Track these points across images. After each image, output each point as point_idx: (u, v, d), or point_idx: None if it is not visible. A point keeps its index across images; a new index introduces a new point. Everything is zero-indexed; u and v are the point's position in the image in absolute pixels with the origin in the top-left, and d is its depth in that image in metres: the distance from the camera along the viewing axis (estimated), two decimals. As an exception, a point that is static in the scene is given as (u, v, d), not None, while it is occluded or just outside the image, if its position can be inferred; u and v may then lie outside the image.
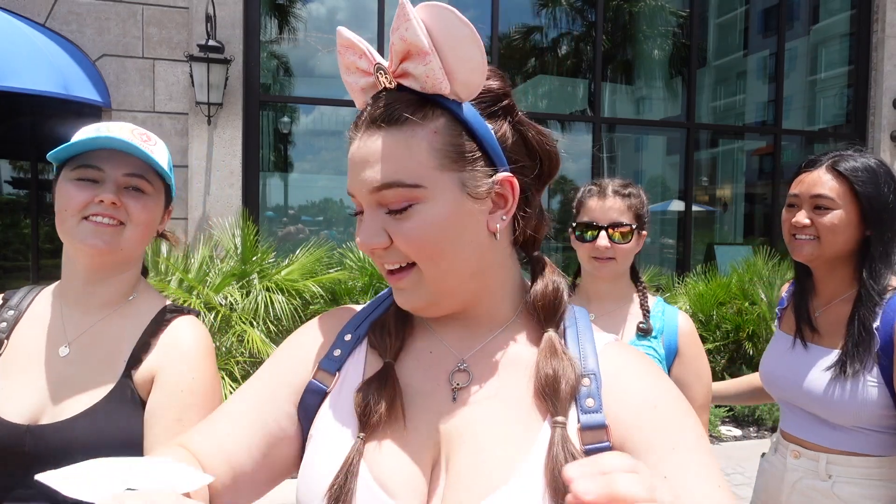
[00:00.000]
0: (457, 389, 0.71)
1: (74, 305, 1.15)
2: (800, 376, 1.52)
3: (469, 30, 0.64)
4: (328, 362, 0.76)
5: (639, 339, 1.59)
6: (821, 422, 1.49)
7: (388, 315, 0.78)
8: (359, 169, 0.67)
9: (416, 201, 0.66)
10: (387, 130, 0.66)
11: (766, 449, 1.73)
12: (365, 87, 0.71)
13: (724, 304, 5.76)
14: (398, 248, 0.67)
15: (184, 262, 4.59)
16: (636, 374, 0.70)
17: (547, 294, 0.74)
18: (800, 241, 1.52)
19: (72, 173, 1.09)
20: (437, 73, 0.65)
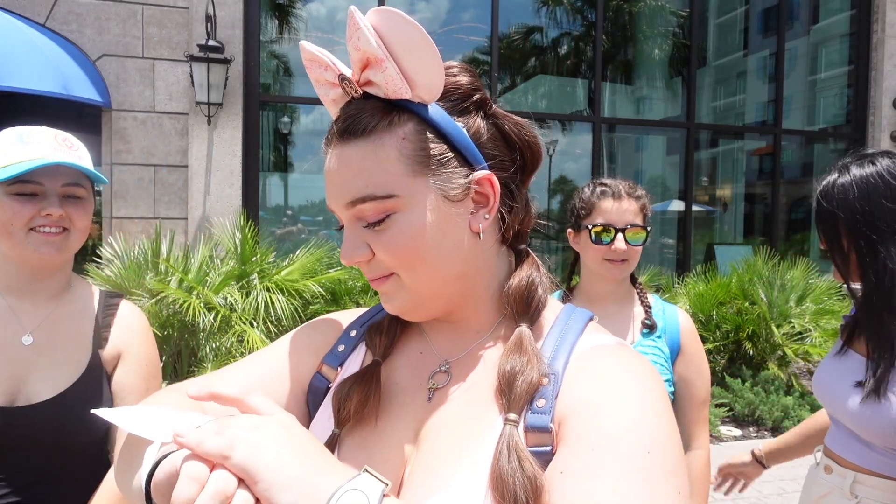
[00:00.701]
0: (433, 389, 0.71)
1: (23, 298, 1.23)
2: (840, 388, 1.43)
3: (418, 31, 0.62)
4: (331, 357, 0.77)
5: (644, 338, 1.59)
6: (854, 437, 1.42)
7: (386, 317, 0.79)
8: (333, 185, 0.67)
9: (392, 211, 0.65)
10: (355, 142, 0.65)
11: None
12: (336, 98, 0.71)
13: (724, 304, 5.76)
14: (379, 259, 0.67)
15: (184, 263, 4.58)
16: (602, 373, 0.63)
17: (519, 288, 0.71)
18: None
19: (10, 188, 1.15)
20: (396, 79, 0.64)
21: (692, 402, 1.59)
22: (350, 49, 0.65)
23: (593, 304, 1.67)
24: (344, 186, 0.66)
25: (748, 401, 5.15)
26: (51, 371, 1.19)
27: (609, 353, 0.66)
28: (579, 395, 0.61)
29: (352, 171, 0.65)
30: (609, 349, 0.67)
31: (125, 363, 1.28)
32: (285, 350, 0.79)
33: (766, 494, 3.88)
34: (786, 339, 5.60)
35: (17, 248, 1.17)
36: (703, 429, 1.60)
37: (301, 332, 0.82)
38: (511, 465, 0.56)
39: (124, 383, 1.26)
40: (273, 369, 0.77)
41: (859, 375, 1.42)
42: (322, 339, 0.80)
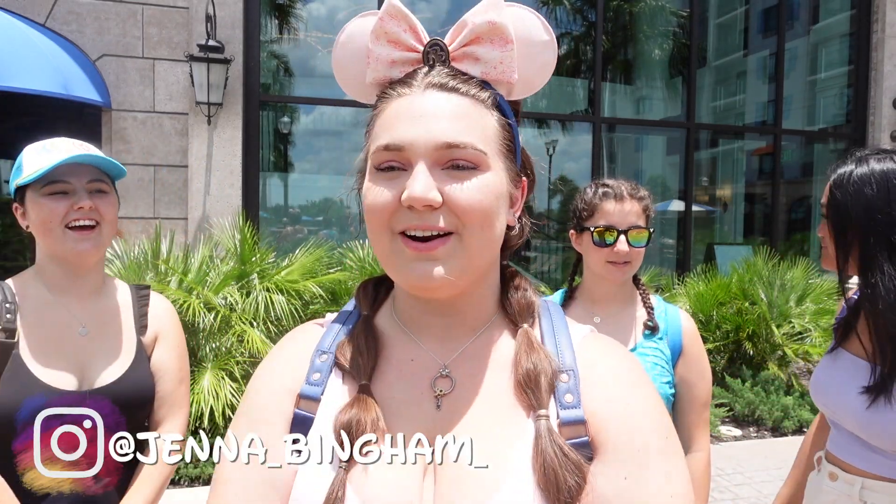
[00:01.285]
0: (440, 396, 0.70)
1: (70, 295, 1.37)
2: (843, 392, 1.41)
3: (552, 37, 0.71)
4: (309, 388, 0.71)
5: (646, 339, 1.58)
6: (861, 443, 1.40)
7: (356, 334, 0.74)
8: (426, 121, 0.64)
9: (480, 167, 0.66)
10: (458, 97, 0.66)
11: (767, 450, 1.70)
12: (396, 60, 0.70)
13: (724, 304, 5.76)
14: (450, 208, 0.64)
15: (184, 263, 4.58)
16: (611, 367, 0.71)
17: (524, 297, 0.76)
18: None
19: (43, 190, 1.29)
20: (513, 62, 0.68)
21: (693, 403, 1.58)
22: (478, 20, 0.67)
23: (596, 306, 1.66)
24: (446, 125, 0.64)
25: (748, 401, 5.15)
26: (107, 358, 1.37)
27: (599, 344, 0.75)
28: (602, 396, 0.68)
29: (456, 116, 0.65)
30: (595, 339, 0.76)
31: (161, 346, 1.48)
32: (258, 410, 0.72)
33: (765, 494, 3.88)
34: (786, 339, 5.60)
35: (56, 245, 1.31)
36: (704, 431, 1.59)
37: (261, 377, 0.75)
38: (557, 456, 0.61)
39: (162, 363, 1.47)
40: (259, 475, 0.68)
41: (860, 379, 1.39)
42: (288, 373, 0.74)
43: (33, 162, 1.30)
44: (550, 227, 8.35)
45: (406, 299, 0.75)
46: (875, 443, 1.35)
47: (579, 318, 1.67)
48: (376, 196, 0.65)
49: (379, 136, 0.67)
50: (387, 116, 0.67)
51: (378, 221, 0.66)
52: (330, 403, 0.70)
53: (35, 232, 1.34)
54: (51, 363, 1.30)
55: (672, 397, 1.57)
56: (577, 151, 7.90)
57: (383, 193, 0.65)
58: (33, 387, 1.26)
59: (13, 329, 1.29)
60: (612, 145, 8.40)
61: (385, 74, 0.71)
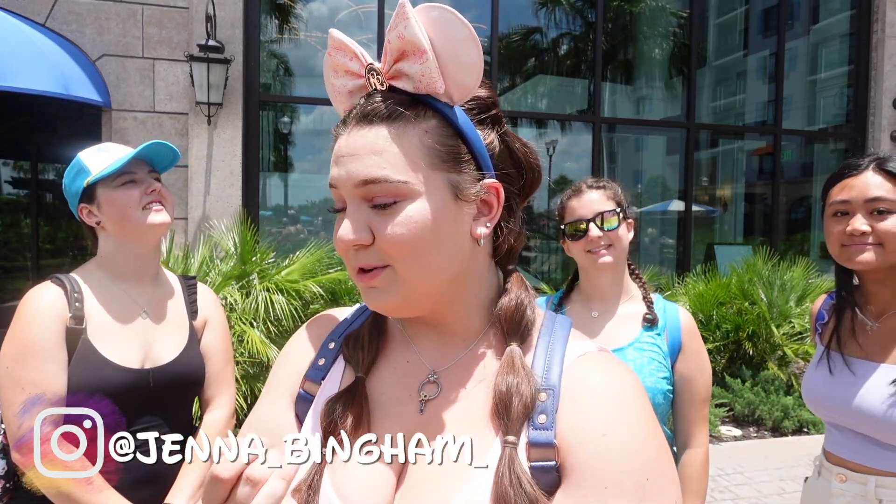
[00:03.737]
0: (425, 401, 0.71)
1: (131, 283, 1.52)
2: (850, 395, 1.42)
3: (468, 30, 0.65)
4: (313, 372, 0.76)
5: (645, 331, 1.60)
6: (871, 442, 1.40)
7: (364, 327, 0.77)
8: (346, 162, 0.66)
9: (404, 198, 0.65)
10: (378, 126, 0.66)
11: (767, 451, 1.70)
12: (353, 89, 0.71)
13: (724, 304, 5.76)
14: (379, 246, 0.66)
15: (184, 263, 4.58)
16: (597, 393, 0.64)
17: (510, 308, 0.72)
18: (858, 248, 1.41)
19: (114, 182, 1.45)
20: (433, 72, 0.65)
21: (693, 400, 1.59)
22: (391, 37, 0.66)
23: (593, 301, 1.68)
24: (360, 164, 0.65)
25: (748, 401, 5.15)
26: (166, 339, 1.53)
27: (596, 363, 0.68)
28: (579, 421, 0.63)
29: (370, 152, 0.65)
30: (595, 358, 0.69)
31: (209, 329, 1.64)
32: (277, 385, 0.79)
33: (766, 494, 3.89)
34: (786, 339, 5.60)
35: (136, 226, 1.46)
36: (703, 427, 1.60)
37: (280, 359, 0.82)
38: (513, 487, 0.59)
39: (210, 345, 1.63)
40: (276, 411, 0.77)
41: (868, 379, 1.40)
42: (301, 356, 0.80)
43: (97, 161, 1.46)
44: (550, 227, 8.36)
45: None
46: (891, 441, 1.35)
47: (577, 314, 1.69)
48: (335, 235, 0.69)
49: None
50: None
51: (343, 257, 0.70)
52: (327, 389, 0.74)
53: (110, 222, 1.46)
54: (117, 344, 1.44)
55: (669, 393, 1.58)
56: (577, 151, 7.90)
57: (335, 233, 0.69)
58: (102, 366, 1.39)
59: (81, 316, 1.40)
60: (612, 145, 8.40)
61: (349, 104, 0.72)
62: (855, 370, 1.45)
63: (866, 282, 1.49)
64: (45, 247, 7.18)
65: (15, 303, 1.50)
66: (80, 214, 1.49)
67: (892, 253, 1.38)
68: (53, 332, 1.36)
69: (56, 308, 1.38)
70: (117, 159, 1.45)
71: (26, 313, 1.37)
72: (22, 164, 7.81)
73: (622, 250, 1.62)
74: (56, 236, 7.41)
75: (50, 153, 7.26)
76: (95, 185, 1.45)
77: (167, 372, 1.48)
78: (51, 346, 1.35)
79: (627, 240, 1.64)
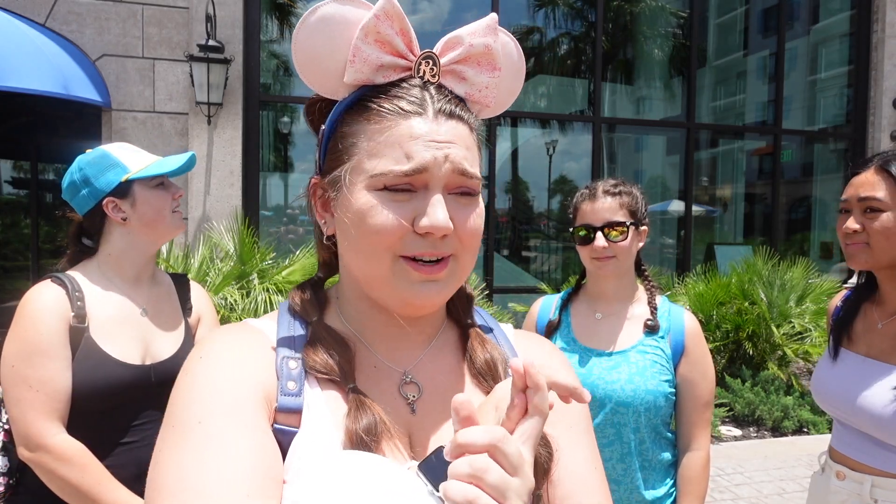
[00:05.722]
0: (413, 402, 0.70)
1: (128, 280, 1.56)
2: (855, 392, 1.42)
3: (524, 63, 0.76)
4: (289, 400, 0.63)
5: (647, 337, 1.60)
6: (872, 441, 1.40)
7: (320, 337, 0.69)
8: (443, 147, 0.64)
9: (478, 194, 0.69)
10: (459, 124, 0.67)
11: (767, 451, 1.70)
12: (385, 65, 0.67)
13: (724, 304, 5.76)
14: (457, 235, 0.66)
15: (183, 263, 4.58)
16: (548, 358, 0.79)
17: (464, 296, 0.80)
18: (853, 247, 1.41)
19: (151, 183, 1.53)
20: (496, 90, 0.71)
21: (695, 403, 1.59)
22: (475, 41, 0.68)
23: (597, 303, 1.68)
24: (461, 154, 0.66)
25: (748, 401, 5.15)
26: (165, 336, 1.58)
27: (531, 340, 0.82)
28: None
29: (465, 145, 0.67)
30: (524, 335, 0.83)
31: (203, 325, 1.71)
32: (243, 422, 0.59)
33: (766, 494, 3.89)
34: (786, 339, 5.60)
35: (166, 228, 1.55)
36: (705, 431, 1.60)
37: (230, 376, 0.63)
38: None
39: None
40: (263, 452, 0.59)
41: (873, 378, 1.40)
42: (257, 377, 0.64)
43: (135, 160, 1.53)
44: (550, 227, 8.36)
45: (365, 309, 0.73)
46: (893, 441, 1.35)
47: (581, 313, 1.70)
48: (384, 219, 0.63)
49: (388, 154, 0.64)
50: (397, 136, 0.64)
51: (381, 244, 0.64)
52: (315, 413, 0.64)
53: (140, 220, 1.52)
54: (119, 342, 1.47)
55: (671, 396, 1.58)
56: (577, 151, 7.90)
57: (392, 217, 0.63)
58: (106, 363, 1.42)
59: (83, 314, 1.42)
60: (612, 145, 8.41)
61: (368, 77, 0.67)
62: (862, 368, 1.45)
63: (880, 280, 1.48)
64: (45, 247, 7.18)
65: (15, 303, 1.50)
66: (106, 208, 1.49)
67: (880, 252, 1.38)
68: (58, 331, 1.37)
69: (59, 307, 1.39)
70: (154, 162, 1.54)
71: (29, 312, 1.37)
72: (22, 164, 7.81)
73: (626, 261, 1.62)
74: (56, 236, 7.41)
75: (50, 153, 7.26)
76: (133, 183, 1.51)
77: (168, 367, 1.51)
78: (56, 344, 1.36)
79: (634, 250, 1.64)
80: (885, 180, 1.37)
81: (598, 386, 1.56)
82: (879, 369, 1.41)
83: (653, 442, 1.57)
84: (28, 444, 1.33)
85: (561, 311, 1.72)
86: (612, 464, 1.55)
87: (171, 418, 0.60)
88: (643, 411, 1.54)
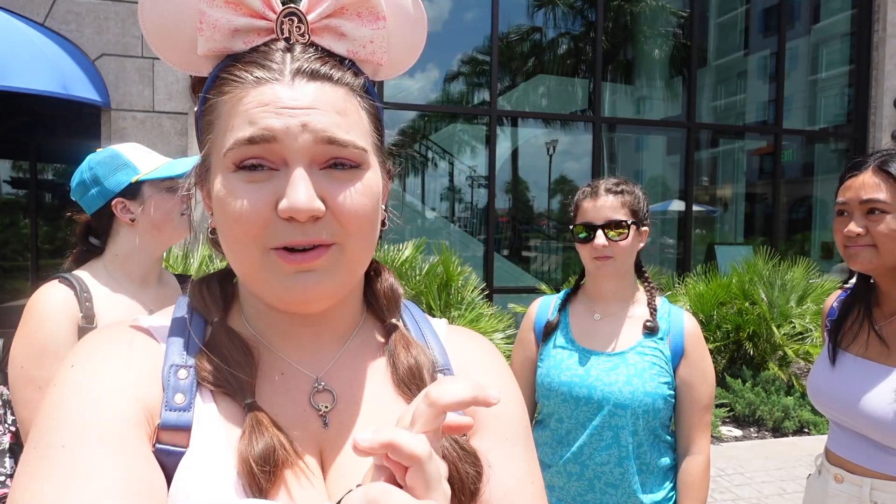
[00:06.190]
0: (325, 413, 0.62)
1: (136, 281, 1.55)
2: (853, 394, 1.41)
3: (422, 12, 0.64)
4: (175, 416, 0.55)
5: (646, 338, 1.58)
6: (871, 443, 1.39)
7: (218, 342, 0.60)
8: (298, 114, 0.54)
9: (362, 166, 0.58)
10: (329, 86, 0.57)
11: (767, 450, 1.70)
12: (241, 28, 0.58)
13: (724, 304, 5.76)
14: (335, 216, 0.56)
15: (183, 263, 4.58)
16: (482, 362, 0.71)
17: (388, 289, 0.70)
18: (855, 250, 1.40)
19: (161, 185, 1.52)
20: (383, 43, 0.60)
21: (694, 406, 1.56)
22: None
23: (596, 303, 1.67)
24: (324, 120, 0.55)
25: (748, 401, 5.14)
26: None
27: (465, 336, 0.74)
28: None
29: (333, 109, 0.56)
30: (458, 331, 0.75)
31: None
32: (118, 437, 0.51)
33: (766, 494, 3.88)
34: (786, 339, 5.60)
35: (175, 230, 1.56)
36: (704, 434, 1.58)
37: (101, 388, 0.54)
38: (455, 449, 0.58)
39: None
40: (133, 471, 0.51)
41: (872, 380, 1.39)
42: (133, 388, 0.56)
43: (146, 161, 1.52)
44: (550, 227, 8.35)
45: (265, 309, 0.64)
46: (892, 444, 1.34)
47: (580, 314, 1.68)
48: (242, 205, 0.54)
49: (236, 127, 0.55)
50: (245, 106, 0.55)
51: (245, 234, 0.55)
52: (207, 431, 0.56)
53: (150, 222, 1.51)
54: None
55: (670, 398, 1.56)
56: (577, 151, 7.90)
57: (251, 202, 0.54)
58: None
59: (91, 315, 1.41)
60: (613, 145, 8.40)
61: (224, 45, 0.58)
62: (859, 370, 1.44)
63: (879, 281, 1.48)
64: (45, 247, 7.17)
65: (14, 303, 1.50)
66: (114, 209, 1.49)
67: (886, 254, 1.37)
68: (67, 331, 1.36)
69: (67, 307, 1.38)
70: (165, 164, 1.53)
71: (38, 313, 1.36)
72: (21, 164, 7.81)
73: (626, 261, 1.60)
74: (55, 236, 7.40)
75: (49, 153, 7.26)
76: (143, 184, 1.50)
77: None
78: (65, 345, 1.35)
79: (635, 250, 1.62)
80: (885, 182, 1.36)
81: (595, 387, 1.54)
82: (878, 371, 1.40)
83: (651, 445, 1.55)
84: None
85: (560, 312, 1.71)
86: (610, 467, 1.53)
87: (33, 438, 0.51)
88: (641, 413, 1.52)
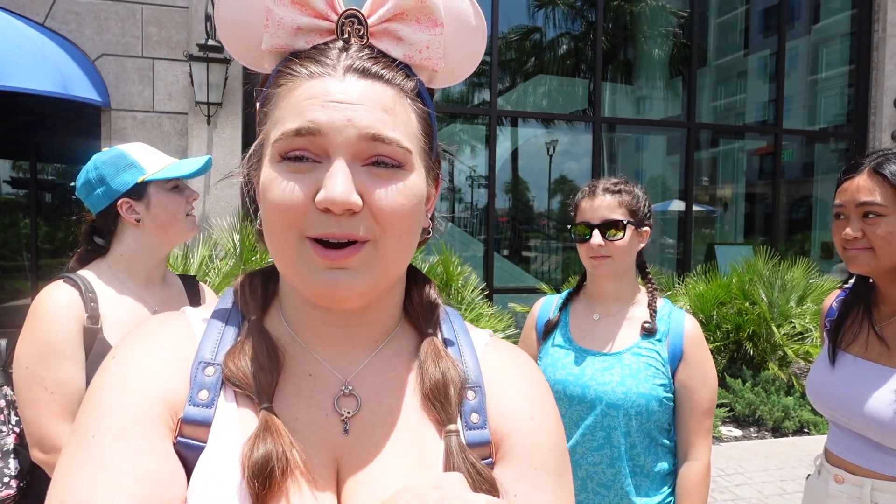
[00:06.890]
0: (347, 419, 0.61)
1: (140, 282, 1.55)
2: (852, 395, 1.40)
3: (482, 23, 0.64)
4: (197, 411, 0.57)
5: (643, 339, 1.57)
6: (871, 444, 1.39)
7: (249, 342, 0.61)
8: (345, 109, 0.55)
9: (405, 167, 0.58)
10: (380, 84, 0.58)
11: (768, 451, 1.69)
12: (303, 28, 0.59)
13: (724, 304, 5.76)
14: (372, 213, 0.56)
15: (183, 262, 4.58)
16: (517, 381, 0.68)
17: (428, 299, 0.70)
18: (853, 253, 1.41)
19: (167, 185, 1.53)
20: (440, 49, 0.60)
21: (694, 410, 1.53)
22: None
23: (596, 303, 1.66)
24: (370, 116, 0.56)
25: (749, 401, 5.14)
26: None
27: (504, 352, 0.71)
28: (507, 411, 0.65)
29: (380, 107, 0.56)
30: (499, 345, 0.72)
31: None
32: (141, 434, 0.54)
33: (766, 494, 3.88)
34: (786, 339, 5.60)
35: (179, 231, 1.55)
36: (704, 439, 1.53)
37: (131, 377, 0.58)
38: (471, 474, 0.57)
39: None
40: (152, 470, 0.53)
41: (872, 381, 1.38)
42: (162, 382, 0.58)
43: (152, 161, 1.52)
44: (550, 227, 8.35)
45: (301, 305, 0.64)
46: (892, 445, 1.34)
47: (580, 314, 1.68)
48: (283, 193, 0.55)
49: (286, 119, 0.56)
50: (296, 98, 0.57)
51: (283, 222, 0.56)
52: (225, 430, 0.57)
53: (155, 222, 1.51)
54: None
55: (666, 401, 1.53)
56: (577, 151, 7.89)
57: (292, 190, 0.55)
58: None
59: (97, 316, 1.41)
60: (613, 145, 8.40)
61: (287, 43, 0.60)
62: (859, 370, 1.44)
63: (878, 282, 1.47)
64: (44, 247, 7.17)
65: (14, 303, 1.50)
66: (120, 209, 1.49)
67: (883, 257, 1.37)
68: (72, 332, 1.36)
69: (73, 308, 1.38)
70: (171, 164, 1.54)
71: (44, 313, 1.36)
72: (21, 164, 7.81)
73: (623, 261, 1.59)
74: (55, 236, 7.40)
75: (49, 153, 7.26)
76: (149, 184, 1.50)
77: None
78: (71, 345, 1.35)
79: (633, 250, 1.60)
80: (880, 185, 1.36)
81: (589, 387, 1.53)
82: (878, 372, 1.39)
83: (646, 448, 1.52)
84: (43, 446, 1.31)
85: (561, 311, 1.71)
86: (602, 468, 1.52)
87: (77, 422, 0.56)
88: (634, 414, 1.49)
